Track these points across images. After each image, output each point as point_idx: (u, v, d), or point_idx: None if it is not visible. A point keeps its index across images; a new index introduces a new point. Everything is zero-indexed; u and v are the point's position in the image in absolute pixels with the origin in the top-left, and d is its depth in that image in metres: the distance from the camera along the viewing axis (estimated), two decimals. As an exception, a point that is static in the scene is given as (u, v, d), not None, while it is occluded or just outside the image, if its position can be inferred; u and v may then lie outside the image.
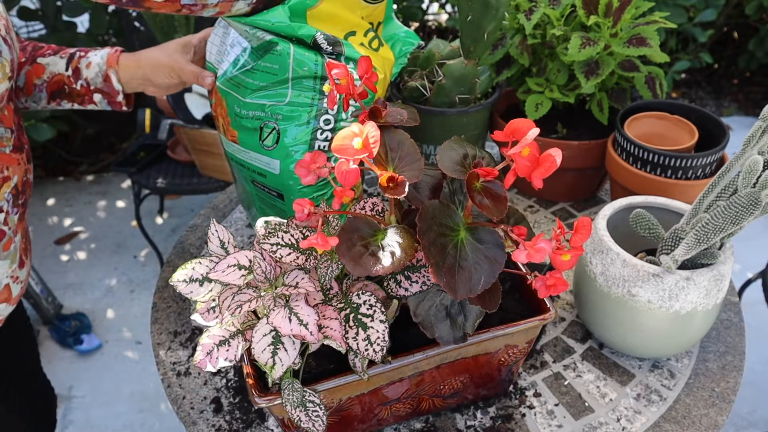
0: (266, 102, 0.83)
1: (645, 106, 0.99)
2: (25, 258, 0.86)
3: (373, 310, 0.58)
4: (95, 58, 0.87)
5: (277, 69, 0.81)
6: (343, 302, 0.59)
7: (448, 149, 0.61)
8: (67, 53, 0.88)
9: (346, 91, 0.61)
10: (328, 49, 0.80)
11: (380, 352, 0.57)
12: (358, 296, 0.59)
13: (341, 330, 0.57)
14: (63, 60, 0.88)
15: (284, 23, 0.77)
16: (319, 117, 0.83)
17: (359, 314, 0.58)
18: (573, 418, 0.74)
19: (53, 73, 0.87)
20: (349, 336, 0.57)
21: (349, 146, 0.53)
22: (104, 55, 0.87)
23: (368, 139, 0.53)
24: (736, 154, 0.71)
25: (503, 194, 0.56)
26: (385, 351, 0.57)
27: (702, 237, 0.68)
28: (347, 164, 0.53)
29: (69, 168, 2.79)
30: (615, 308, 0.75)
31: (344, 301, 0.59)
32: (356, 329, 0.57)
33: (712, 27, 2.79)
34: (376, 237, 0.58)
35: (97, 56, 0.87)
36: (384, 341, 0.57)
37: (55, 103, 0.90)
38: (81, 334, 1.98)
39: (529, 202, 1.08)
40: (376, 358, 0.57)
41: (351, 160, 0.53)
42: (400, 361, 0.61)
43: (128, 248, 2.36)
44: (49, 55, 0.88)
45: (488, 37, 0.91)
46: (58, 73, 0.87)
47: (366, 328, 0.57)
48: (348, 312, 0.58)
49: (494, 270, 0.57)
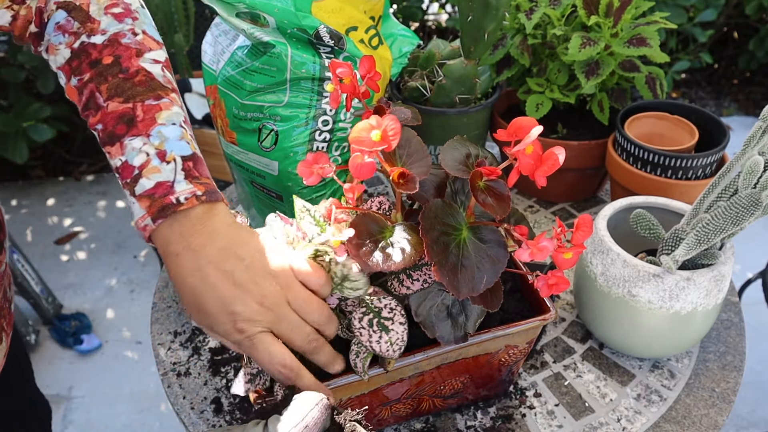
0: (264, 103, 0.83)
1: (645, 106, 0.99)
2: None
3: (393, 313, 0.59)
4: (130, 206, 0.59)
5: (274, 71, 0.81)
6: (365, 306, 0.60)
7: (450, 149, 0.61)
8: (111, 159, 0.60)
9: (349, 90, 0.61)
10: (329, 43, 0.80)
11: (398, 351, 0.58)
12: (380, 300, 0.60)
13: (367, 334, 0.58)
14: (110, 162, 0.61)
15: (289, 10, 0.77)
16: (318, 118, 0.83)
17: (381, 318, 0.59)
18: (573, 418, 0.74)
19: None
20: (373, 339, 0.58)
21: (367, 138, 0.53)
22: (134, 215, 0.58)
23: (387, 131, 0.53)
24: (737, 154, 0.71)
25: (506, 193, 0.57)
26: (402, 349, 0.58)
27: (702, 237, 0.68)
28: (362, 158, 0.53)
29: (69, 168, 2.79)
30: (615, 308, 0.75)
31: (366, 306, 0.60)
32: (380, 333, 0.58)
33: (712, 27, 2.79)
34: (384, 234, 0.58)
35: (131, 207, 0.59)
36: (403, 341, 0.58)
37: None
38: (81, 334, 1.98)
39: (529, 202, 1.08)
40: (395, 356, 0.58)
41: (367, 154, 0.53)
42: (400, 361, 0.61)
43: (128, 248, 2.36)
44: (98, 136, 0.60)
45: (488, 37, 0.91)
46: None
47: (388, 331, 0.58)
48: (371, 317, 0.59)
49: (496, 269, 0.57)
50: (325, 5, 0.79)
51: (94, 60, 0.61)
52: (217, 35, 0.89)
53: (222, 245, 0.56)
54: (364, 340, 0.58)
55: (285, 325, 0.55)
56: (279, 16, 0.77)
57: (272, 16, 0.77)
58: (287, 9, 0.76)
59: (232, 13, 0.79)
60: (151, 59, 0.62)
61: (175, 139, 0.58)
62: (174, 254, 0.56)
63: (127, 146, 0.58)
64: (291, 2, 0.77)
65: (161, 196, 0.56)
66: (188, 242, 0.55)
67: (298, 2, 0.77)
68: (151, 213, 0.56)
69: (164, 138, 0.58)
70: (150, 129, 0.58)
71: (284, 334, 0.55)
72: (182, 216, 0.56)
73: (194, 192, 0.56)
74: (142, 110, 0.59)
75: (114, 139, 0.58)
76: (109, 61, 0.60)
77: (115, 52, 0.61)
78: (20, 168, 2.72)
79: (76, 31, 0.62)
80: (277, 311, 0.55)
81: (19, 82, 2.31)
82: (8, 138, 2.25)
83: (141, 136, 0.58)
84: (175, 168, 0.57)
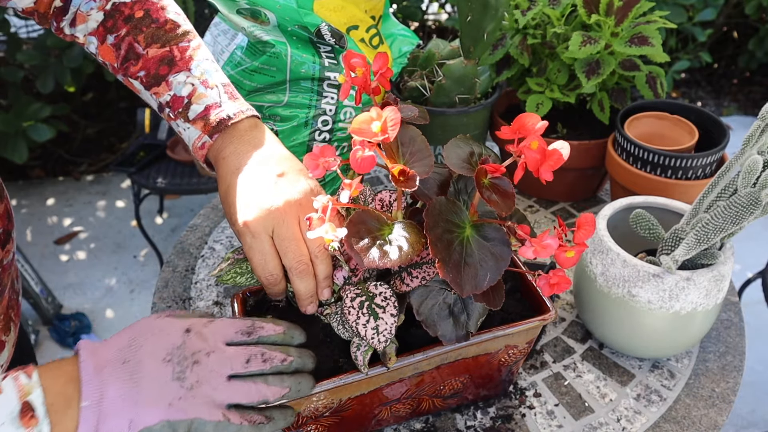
0: (264, 103, 0.82)
1: (645, 106, 0.99)
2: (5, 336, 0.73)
3: (387, 302, 0.59)
4: (183, 134, 0.70)
5: (274, 71, 0.81)
6: (360, 289, 0.60)
7: (454, 147, 0.61)
8: (158, 98, 0.70)
9: (361, 83, 0.61)
10: (330, 41, 0.80)
11: (384, 343, 0.57)
12: (375, 287, 0.60)
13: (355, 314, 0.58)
14: (155, 102, 0.71)
15: (291, 7, 0.77)
16: (318, 118, 0.83)
17: (374, 303, 0.59)
18: (573, 418, 0.74)
19: (149, 102, 0.72)
20: (360, 322, 0.58)
21: (368, 129, 0.53)
22: (190, 139, 0.69)
23: (387, 122, 0.53)
24: (736, 153, 0.71)
25: (511, 190, 0.57)
26: (388, 343, 0.58)
27: (702, 237, 0.68)
28: (363, 151, 0.53)
29: (69, 168, 2.79)
30: (615, 308, 0.75)
31: (361, 289, 0.60)
32: (368, 317, 0.58)
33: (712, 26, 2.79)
34: (383, 231, 0.59)
35: (185, 134, 0.69)
36: (390, 334, 0.58)
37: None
38: (81, 334, 1.98)
39: (529, 202, 1.08)
40: (379, 347, 0.58)
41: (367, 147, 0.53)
42: (400, 361, 0.61)
43: (128, 248, 2.36)
44: (140, 82, 0.70)
45: (488, 37, 0.91)
46: (154, 108, 0.72)
47: (377, 317, 0.58)
48: (363, 299, 0.59)
49: (500, 267, 0.57)
50: (327, 3, 0.79)
51: (127, 16, 0.70)
52: (216, 35, 0.89)
53: (264, 154, 0.65)
54: (351, 320, 0.58)
55: (287, 234, 0.61)
56: (281, 12, 0.77)
57: (273, 13, 0.77)
58: (289, 6, 0.76)
59: (233, 10, 0.79)
60: (174, 11, 0.72)
61: (213, 70, 0.69)
62: (222, 158, 0.65)
63: (173, 82, 0.68)
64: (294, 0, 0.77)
65: (214, 116, 0.66)
66: (236, 147, 0.65)
67: (300, 3, 0.77)
68: (207, 131, 0.66)
69: (203, 70, 0.69)
70: (189, 64, 0.69)
71: (282, 244, 0.61)
72: (232, 129, 0.66)
73: (240, 108, 0.67)
74: (179, 51, 0.69)
75: (159, 79, 0.69)
76: (141, 14, 0.70)
77: (144, 6, 0.71)
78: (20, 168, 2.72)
79: None
80: (287, 221, 0.61)
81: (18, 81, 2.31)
82: (8, 138, 2.25)
83: (183, 71, 0.68)
84: (219, 92, 0.68)
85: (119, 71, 0.71)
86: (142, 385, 0.51)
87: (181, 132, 0.69)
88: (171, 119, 0.70)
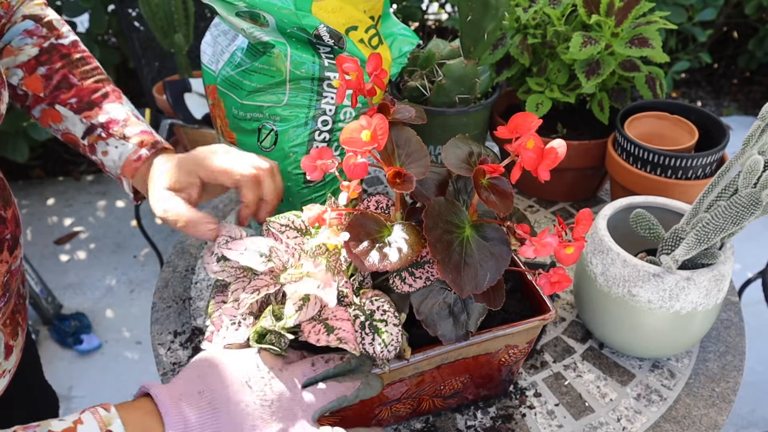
0: (264, 103, 0.82)
1: (645, 106, 0.99)
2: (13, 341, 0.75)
3: (386, 314, 0.59)
4: (113, 152, 0.75)
5: (274, 71, 0.80)
6: (357, 309, 0.60)
7: (453, 147, 0.61)
8: (89, 120, 0.75)
9: (355, 86, 0.61)
10: (329, 43, 0.80)
11: (393, 352, 0.58)
12: (371, 302, 0.59)
13: (353, 331, 0.58)
14: (82, 126, 0.76)
15: (289, 9, 0.77)
16: (317, 118, 0.83)
17: (374, 320, 0.59)
18: (573, 418, 0.74)
19: (68, 130, 0.77)
20: (365, 342, 0.58)
21: (357, 138, 0.54)
22: (122, 155, 0.74)
23: (376, 130, 0.53)
24: (736, 153, 0.71)
25: (509, 190, 0.57)
26: (398, 350, 0.58)
27: (702, 237, 0.68)
28: (355, 158, 0.53)
29: (69, 168, 2.79)
30: (615, 308, 0.75)
31: (358, 308, 0.60)
32: (372, 335, 0.58)
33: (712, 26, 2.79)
34: (383, 233, 0.58)
35: (116, 151, 0.75)
36: (397, 342, 0.58)
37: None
38: (81, 334, 1.98)
39: (529, 202, 1.08)
40: (390, 357, 0.58)
41: (359, 154, 0.53)
42: (400, 362, 0.61)
43: (128, 248, 2.36)
44: (70, 108, 0.76)
45: (488, 37, 0.91)
46: (74, 134, 0.77)
47: (381, 333, 0.58)
48: (363, 320, 0.59)
49: (500, 267, 0.57)
50: (325, 5, 0.79)
51: (64, 53, 0.78)
52: (216, 35, 0.89)
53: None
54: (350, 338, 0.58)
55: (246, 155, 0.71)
56: (279, 15, 0.77)
57: (272, 15, 0.77)
58: (287, 8, 0.76)
59: (232, 12, 0.79)
60: (97, 60, 0.82)
61: (138, 111, 0.79)
62: (164, 162, 0.72)
63: (106, 108, 0.76)
64: (291, 1, 0.77)
65: (152, 136, 0.75)
66: (171, 156, 0.74)
67: (299, 1, 0.77)
68: (145, 146, 0.74)
69: (131, 106, 0.79)
70: (120, 100, 0.78)
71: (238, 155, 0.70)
72: (169, 151, 0.76)
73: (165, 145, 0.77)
74: (110, 89, 0.79)
75: (93, 105, 0.76)
76: (77, 56, 0.79)
77: (78, 51, 0.79)
78: (20, 167, 2.72)
79: (45, 35, 0.77)
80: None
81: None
82: (8, 137, 2.25)
83: (116, 103, 0.77)
84: (148, 126, 0.77)
85: (43, 100, 0.76)
86: (221, 411, 0.53)
87: (109, 152, 0.75)
88: (101, 139, 0.75)
